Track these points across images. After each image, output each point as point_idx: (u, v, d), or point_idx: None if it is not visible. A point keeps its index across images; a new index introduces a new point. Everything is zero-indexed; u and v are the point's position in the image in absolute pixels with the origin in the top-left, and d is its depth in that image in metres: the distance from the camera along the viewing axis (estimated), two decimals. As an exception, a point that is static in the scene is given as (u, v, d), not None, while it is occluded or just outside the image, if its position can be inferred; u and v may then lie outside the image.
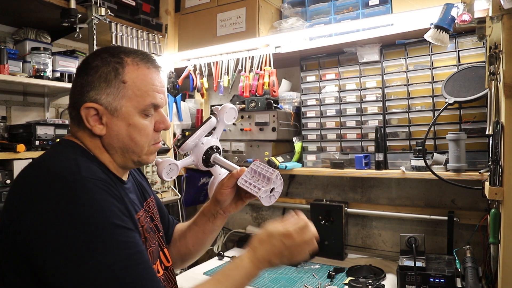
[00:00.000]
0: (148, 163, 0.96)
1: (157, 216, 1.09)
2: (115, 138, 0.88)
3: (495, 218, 1.30)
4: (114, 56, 0.88)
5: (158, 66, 0.95)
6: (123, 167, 0.94)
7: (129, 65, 0.88)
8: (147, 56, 0.93)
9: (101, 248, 0.70)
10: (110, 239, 0.72)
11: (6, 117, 1.88)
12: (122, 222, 0.76)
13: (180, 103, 2.38)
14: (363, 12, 1.82)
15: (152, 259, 0.93)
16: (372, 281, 1.60)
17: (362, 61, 1.91)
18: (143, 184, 1.11)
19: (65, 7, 1.72)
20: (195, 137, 1.07)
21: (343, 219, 2.00)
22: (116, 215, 0.76)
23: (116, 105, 0.86)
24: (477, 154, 1.62)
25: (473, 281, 1.32)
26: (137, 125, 0.88)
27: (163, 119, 0.94)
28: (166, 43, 2.28)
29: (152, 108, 0.91)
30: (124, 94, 0.86)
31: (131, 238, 0.76)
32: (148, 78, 0.90)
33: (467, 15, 1.38)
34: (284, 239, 0.90)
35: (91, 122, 0.86)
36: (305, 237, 0.91)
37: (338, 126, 2.00)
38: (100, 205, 0.74)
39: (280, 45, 1.99)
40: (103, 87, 0.86)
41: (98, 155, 0.89)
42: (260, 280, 1.71)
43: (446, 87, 1.64)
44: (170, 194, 2.21)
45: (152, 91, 0.90)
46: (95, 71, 0.87)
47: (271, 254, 0.90)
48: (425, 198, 1.96)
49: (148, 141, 0.92)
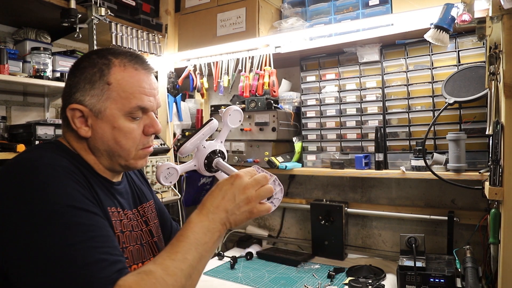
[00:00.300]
0: (136, 167, 0.94)
1: (155, 222, 1.07)
2: (100, 140, 0.87)
3: (495, 218, 1.30)
4: (101, 57, 0.87)
5: (148, 68, 0.92)
6: (111, 170, 0.92)
7: (116, 66, 0.86)
8: (137, 58, 0.90)
9: (54, 229, 0.69)
10: (66, 220, 0.70)
11: (6, 117, 1.88)
12: (84, 205, 0.74)
13: (180, 103, 2.38)
14: (363, 12, 1.82)
15: (131, 259, 0.90)
16: (372, 281, 1.60)
17: (362, 61, 1.91)
18: (142, 188, 1.09)
19: (65, 7, 1.72)
20: (194, 140, 1.01)
21: (343, 219, 2.00)
22: (76, 198, 0.74)
23: (100, 107, 0.85)
24: (477, 154, 1.62)
25: (473, 281, 1.32)
26: (122, 128, 0.86)
27: (152, 122, 0.91)
28: (166, 43, 2.28)
29: (140, 111, 0.88)
30: (108, 96, 0.85)
31: (92, 221, 0.74)
32: (135, 80, 0.87)
33: (467, 15, 1.38)
34: (232, 180, 0.82)
35: (77, 123, 0.86)
36: (256, 179, 0.83)
37: (338, 126, 2.00)
38: (57, 188, 0.73)
39: (280, 45, 1.99)
40: (87, 89, 0.85)
41: (84, 156, 0.88)
42: (260, 280, 1.71)
43: (446, 87, 1.64)
44: (170, 194, 2.21)
45: (139, 94, 0.87)
46: (81, 73, 0.86)
47: (221, 199, 0.81)
48: (425, 198, 1.96)
49: (135, 145, 0.90)
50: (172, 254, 0.74)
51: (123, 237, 0.89)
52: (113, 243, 0.75)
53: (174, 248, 0.75)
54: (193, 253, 0.75)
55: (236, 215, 0.81)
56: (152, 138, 0.95)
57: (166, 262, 0.73)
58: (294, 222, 2.38)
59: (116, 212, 0.89)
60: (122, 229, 0.89)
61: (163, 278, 0.70)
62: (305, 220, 2.32)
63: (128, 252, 0.89)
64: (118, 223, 0.89)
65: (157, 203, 1.16)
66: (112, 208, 0.88)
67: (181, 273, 0.72)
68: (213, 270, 1.85)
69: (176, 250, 0.75)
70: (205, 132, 1.02)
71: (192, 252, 0.75)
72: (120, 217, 0.90)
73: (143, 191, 1.09)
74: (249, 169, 0.87)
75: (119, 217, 0.90)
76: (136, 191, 1.05)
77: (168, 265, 0.72)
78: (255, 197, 0.82)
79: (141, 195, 1.06)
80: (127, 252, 0.88)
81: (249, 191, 0.81)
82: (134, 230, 0.95)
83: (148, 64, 0.92)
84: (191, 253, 0.75)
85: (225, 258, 2.02)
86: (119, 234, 0.88)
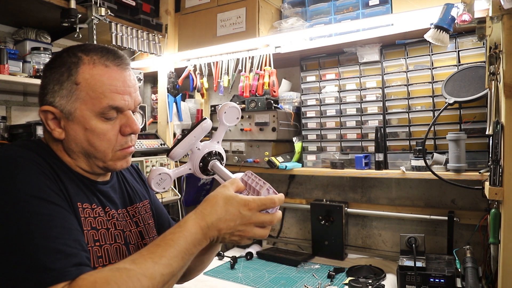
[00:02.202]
0: (116, 169, 0.89)
1: (149, 222, 1.03)
2: (74, 143, 0.83)
3: (495, 218, 1.30)
4: (71, 55, 0.83)
5: (121, 64, 0.85)
6: (91, 172, 0.89)
7: (85, 64, 0.82)
8: (109, 53, 0.85)
9: (12, 218, 0.68)
10: (26, 209, 0.69)
11: (6, 117, 1.88)
12: (46, 196, 0.73)
13: (180, 103, 2.38)
14: (363, 12, 1.82)
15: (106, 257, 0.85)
16: (372, 281, 1.60)
17: (362, 61, 1.91)
18: (136, 187, 1.05)
19: (65, 7, 1.72)
20: (184, 143, 0.93)
21: (343, 219, 2.00)
22: (39, 188, 0.73)
23: (70, 108, 0.81)
24: (477, 154, 1.62)
25: (473, 281, 1.32)
26: (94, 129, 0.82)
27: (129, 122, 0.86)
28: (166, 43, 2.28)
29: (113, 111, 0.83)
30: (77, 96, 0.81)
31: (53, 212, 0.72)
32: (105, 78, 0.82)
33: (467, 15, 1.38)
34: (242, 208, 0.77)
35: (51, 125, 0.83)
36: (262, 220, 0.79)
37: (338, 126, 2.00)
38: (20, 178, 0.72)
39: (280, 45, 1.99)
40: (56, 90, 0.82)
41: (62, 157, 0.86)
42: (260, 280, 1.71)
43: (446, 87, 1.64)
44: (170, 194, 2.21)
45: (110, 92, 0.82)
46: (51, 73, 0.83)
47: (223, 221, 0.77)
48: (425, 198, 1.96)
49: (112, 146, 0.85)
50: (156, 256, 0.71)
51: (98, 234, 0.84)
52: (75, 237, 0.72)
53: (160, 251, 0.72)
54: (178, 261, 0.73)
55: (225, 238, 0.79)
56: (132, 138, 0.89)
57: (147, 263, 0.69)
58: (294, 222, 2.38)
59: (89, 209, 0.84)
60: (97, 227, 0.84)
61: (138, 278, 0.66)
62: (305, 220, 2.32)
63: (103, 251, 0.84)
64: (91, 220, 0.84)
65: (154, 202, 1.12)
66: (85, 204, 0.84)
67: (161, 278, 0.69)
68: (213, 270, 1.85)
69: (161, 254, 0.71)
70: (197, 134, 0.94)
71: (178, 260, 0.72)
72: (94, 214, 0.85)
73: (136, 190, 1.05)
74: (266, 200, 0.79)
75: (92, 214, 0.85)
76: (127, 190, 1.01)
77: (148, 267, 0.69)
78: (251, 234, 0.79)
79: (133, 194, 1.02)
80: (101, 251, 0.84)
81: (249, 227, 0.79)
82: (115, 228, 0.90)
83: (121, 60, 0.86)
84: (176, 261, 0.72)
85: (225, 258, 2.02)
86: (93, 232, 0.83)
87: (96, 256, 0.82)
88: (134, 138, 0.90)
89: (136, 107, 0.89)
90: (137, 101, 0.89)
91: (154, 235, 1.02)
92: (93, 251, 0.82)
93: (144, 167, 2.07)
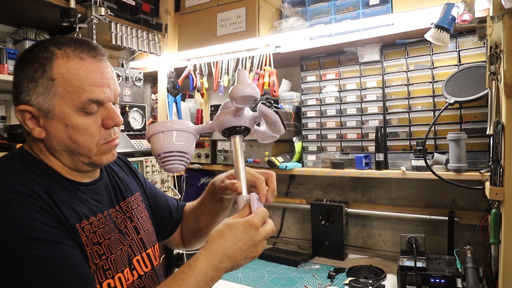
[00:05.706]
0: (102, 164, 0.86)
1: (142, 216, 1.01)
2: (55, 141, 0.80)
3: (495, 218, 1.30)
4: (43, 50, 0.79)
5: (97, 55, 0.82)
6: (77, 170, 0.85)
7: (58, 59, 0.78)
8: (83, 45, 0.81)
9: (11, 264, 0.65)
10: (24, 253, 0.66)
11: (5, 117, 1.88)
12: (43, 235, 0.69)
13: (180, 103, 2.37)
14: (364, 11, 1.82)
15: (114, 268, 0.84)
16: (373, 281, 1.60)
17: (363, 61, 1.91)
18: (127, 181, 1.03)
19: (64, 7, 1.72)
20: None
21: (343, 219, 2.00)
22: (35, 227, 0.69)
23: (48, 105, 0.78)
24: (477, 154, 1.62)
25: (474, 281, 1.32)
26: (76, 125, 0.79)
27: (111, 114, 0.82)
28: (166, 43, 2.28)
29: (93, 105, 0.80)
30: (55, 92, 0.77)
31: (52, 252, 0.69)
32: (82, 71, 0.78)
33: (467, 15, 1.38)
34: (249, 230, 0.77)
35: (29, 125, 0.79)
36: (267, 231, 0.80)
37: (338, 126, 2.00)
38: (14, 218, 0.68)
39: (280, 45, 1.99)
40: (31, 88, 0.78)
41: (45, 160, 0.82)
42: (260, 280, 1.71)
43: (447, 87, 1.64)
44: (170, 194, 2.21)
45: (89, 86, 0.78)
46: (23, 70, 0.79)
47: (234, 249, 0.76)
48: (425, 198, 1.96)
49: (95, 141, 0.82)
50: None
51: (102, 248, 0.82)
52: (79, 273, 0.71)
53: None
54: None
55: (241, 264, 0.79)
56: (115, 131, 0.86)
57: None
58: (294, 222, 2.37)
59: (88, 226, 0.81)
60: (99, 240, 0.82)
61: None
62: (305, 220, 2.32)
63: (109, 262, 0.83)
64: (92, 236, 0.81)
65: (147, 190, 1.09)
66: (83, 222, 0.80)
67: None
68: (213, 270, 1.85)
69: None
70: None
71: None
72: (94, 229, 0.82)
73: (127, 184, 1.02)
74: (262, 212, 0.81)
75: (92, 229, 0.82)
76: (118, 185, 0.98)
77: None
78: (262, 249, 0.81)
79: (125, 189, 0.99)
80: (108, 263, 0.83)
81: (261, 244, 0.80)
82: (115, 232, 0.89)
83: (96, 51, 0.82)
84: None
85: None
86: (97, 248, 0.81)
87: (103, 270, 0.81)
88: (117, 130, 0.88)
89: (116, 98, 0.87)
90: (117, 93, 0.86)
91: (148, 228, 1.01)
92: (99, 266, 0.80)
93: (144, 167, 2.07)
